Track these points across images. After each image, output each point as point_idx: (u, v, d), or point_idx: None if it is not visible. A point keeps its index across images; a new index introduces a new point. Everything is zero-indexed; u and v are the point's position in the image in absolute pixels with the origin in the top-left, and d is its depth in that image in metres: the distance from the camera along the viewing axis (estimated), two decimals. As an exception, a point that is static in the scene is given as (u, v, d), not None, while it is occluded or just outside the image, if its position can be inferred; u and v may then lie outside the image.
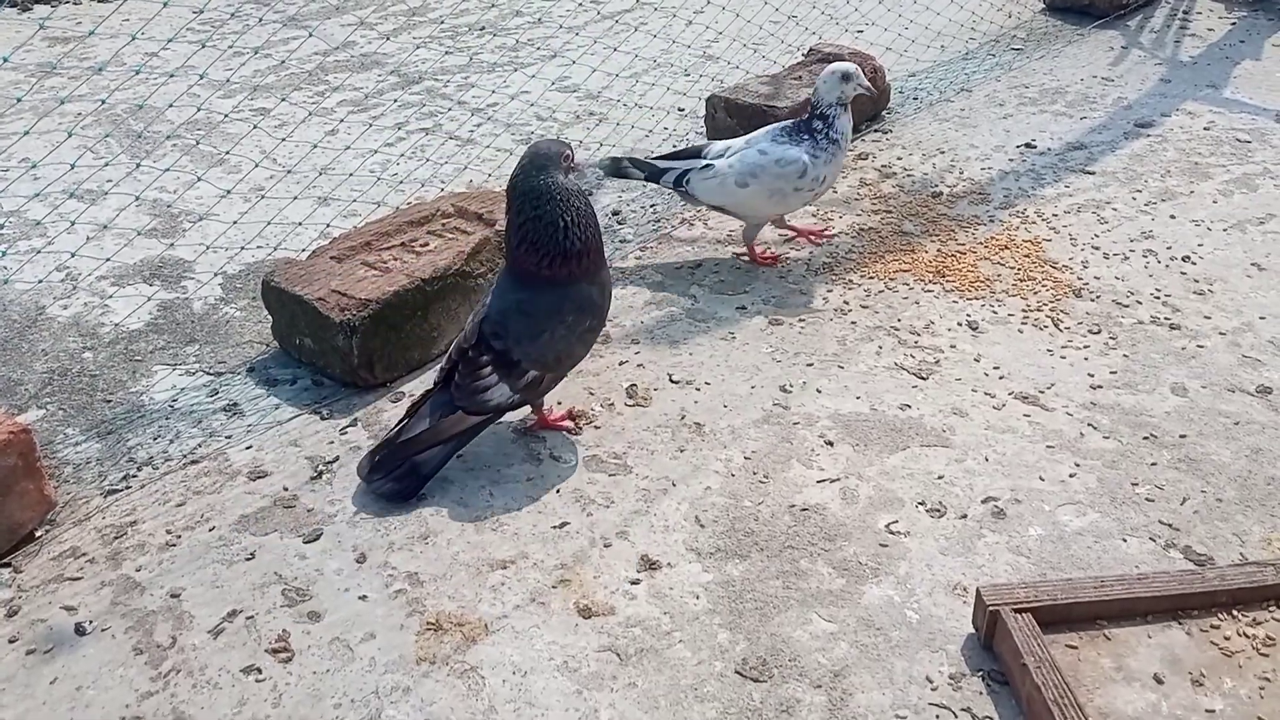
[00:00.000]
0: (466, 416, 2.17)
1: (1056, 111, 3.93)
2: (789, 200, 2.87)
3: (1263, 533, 2.04)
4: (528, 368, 2.18)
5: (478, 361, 2.17)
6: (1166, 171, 3.45)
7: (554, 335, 2.17)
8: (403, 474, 2.16)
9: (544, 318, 2.16)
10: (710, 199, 2.92)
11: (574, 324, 2.19)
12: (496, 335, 2.16)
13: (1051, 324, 2.71)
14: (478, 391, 2.16)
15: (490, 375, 2.16)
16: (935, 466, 2.25)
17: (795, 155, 2.79)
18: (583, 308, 2.20)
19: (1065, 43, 4.58)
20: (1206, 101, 3.96)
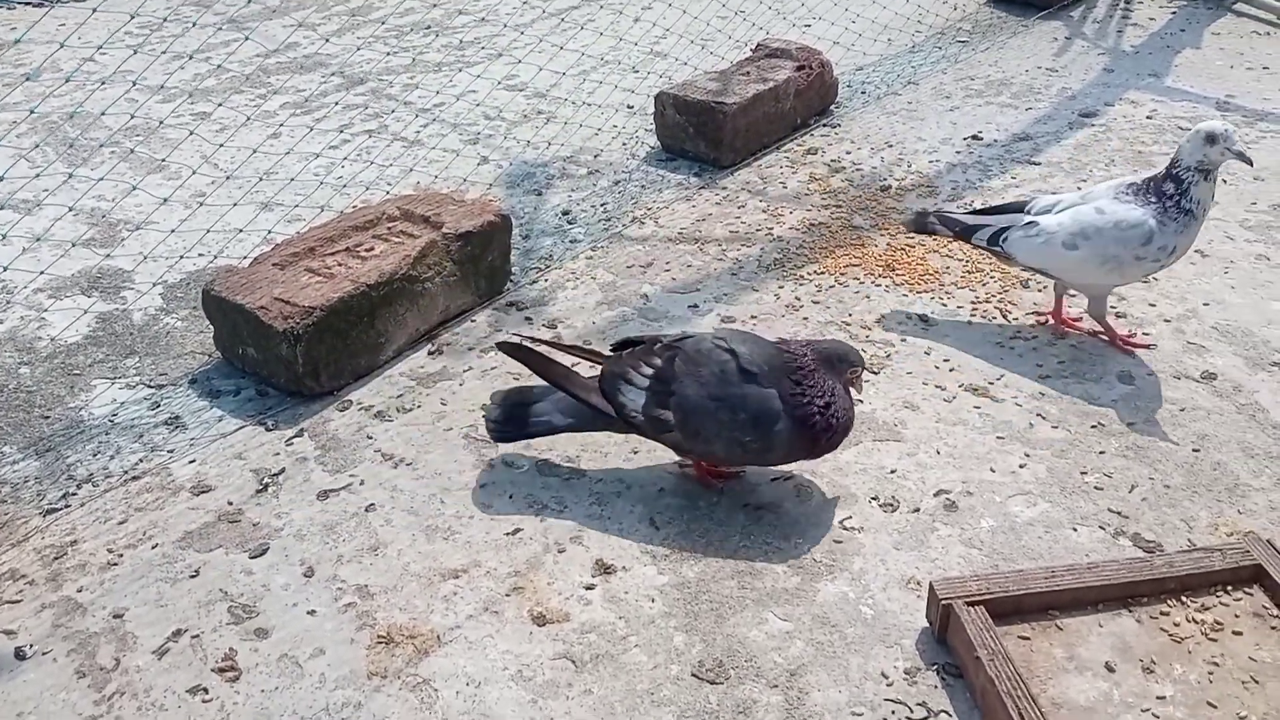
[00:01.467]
0: (596, 393, 2.10)
1: (1002, 103, 3.96)
2: (1126, 270, 2.43)
3: (1210, 518, 2.07)
4: (669, 409, 2.03)
5: (649, 359, 2.07)
6: (1111, 161, 3.49)
7: (711, 410, 2.00)
8: (516, 409, 2.16)
9: (724, 393, 2.00)
10: (1030, 260, 2.53)
11: (738, 422, 1.99)
12: (686, 359, 2.04)
13: (1000, 315, 2.73)
14: (621, 377, 2.07)
15: (644, 380, 2.05)
16: (888, 461, 2.25)
17: (1140, 218, 2.37)
18: (759, 420, 1.99)
19: (1010, 34, 4.62)
20: (1149, 90, 4.02)
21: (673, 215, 3.27)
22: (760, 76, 3.66)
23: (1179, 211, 2.36)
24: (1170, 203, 2.37)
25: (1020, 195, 3.29)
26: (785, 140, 3.71)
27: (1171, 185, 2.37)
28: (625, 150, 3.70)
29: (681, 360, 2.03)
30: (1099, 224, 2.41)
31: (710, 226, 3.20)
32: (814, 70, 3.76)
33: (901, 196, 3.32)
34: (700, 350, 2.04)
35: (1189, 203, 2.36)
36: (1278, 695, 1.66)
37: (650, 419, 2.03)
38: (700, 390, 2.00)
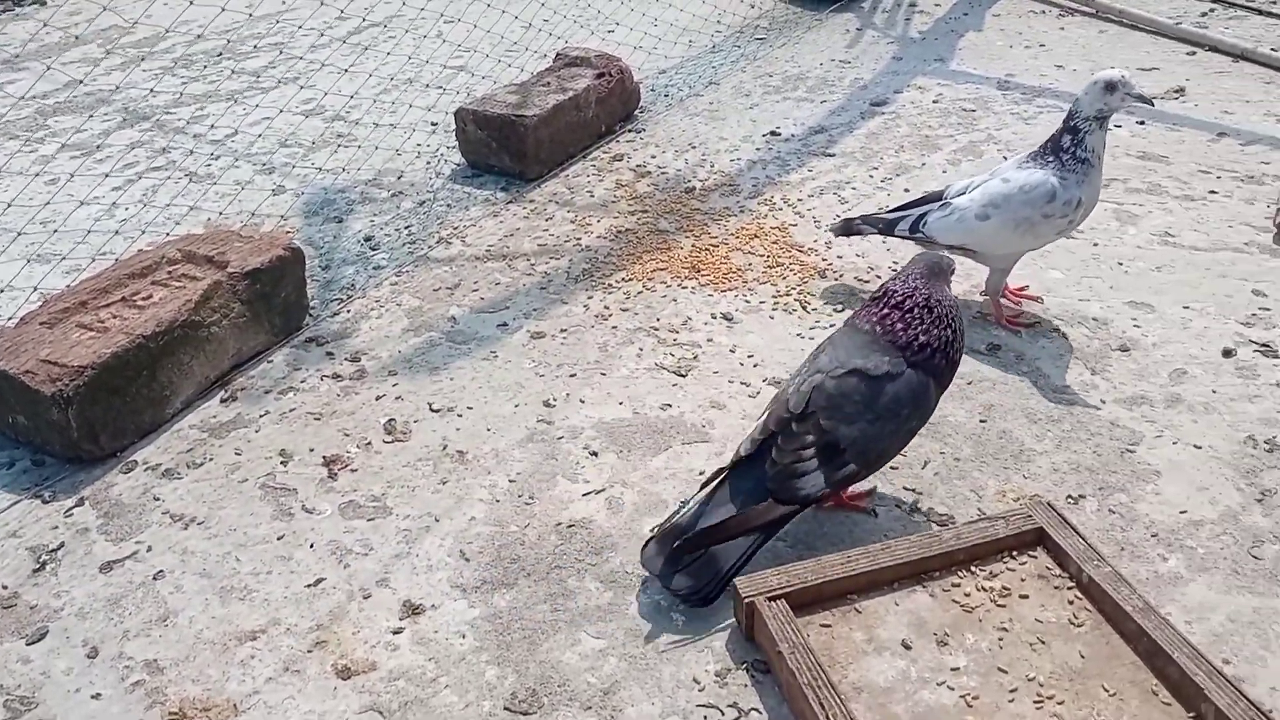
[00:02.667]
0: (776, 505, 1.90)
1: (799, 97, 4.07)
2: (1039, 230, 2.50)
3: (998, 486, 2.17)
4: (850, 459, 1.91)
5: (803, 439, 1.91)
6: (900, 147, 3.63)
7: (886, 427, 1.92)
8: (699, 568, 1.89)
9: (884, 405, 1.91)
10: (949, 239, 2.57)
11: (904, 419, 1.94)
12: (829, 414, 1.91)
13: (800, 307, 2.80)
14: (794, 475, 1.90)
15: (811, 461, 1.90)
16: (697, 463, 2.27)
17: (1041, 179, 2.45)
18: (917, 402, 1.95)
19: (805, 29, 4.76)
20: (935, 75, 4.20)
21: (480, 233, 3.22)
22: (560, 86, 3.65)
23: (1076, 163, 2.46)
24: (1067, 155, 2.46)
25: (817, 187, 3.39)
26: (591, 148, 3.72)
27: (1068, 138, 2.46)
28: (429, 169, 3.63)
29: (825, 417, 1.91)
30: (1005, 191, 2.50)
31: (518, 241, 3.17)
32: (614, 77, 3.77)
33: (705, 197, 3.37)
34: (832, 394, 1.92)
35: (1084, 152, 2.45)
36: (1062, 653, 1.74)
37: (836, 483, 1.93)
38: (862, 426, 1.91)
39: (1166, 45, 4.35)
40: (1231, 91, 3.89)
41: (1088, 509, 2.09)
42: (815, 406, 1.93)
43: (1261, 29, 4.47)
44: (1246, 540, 1.99)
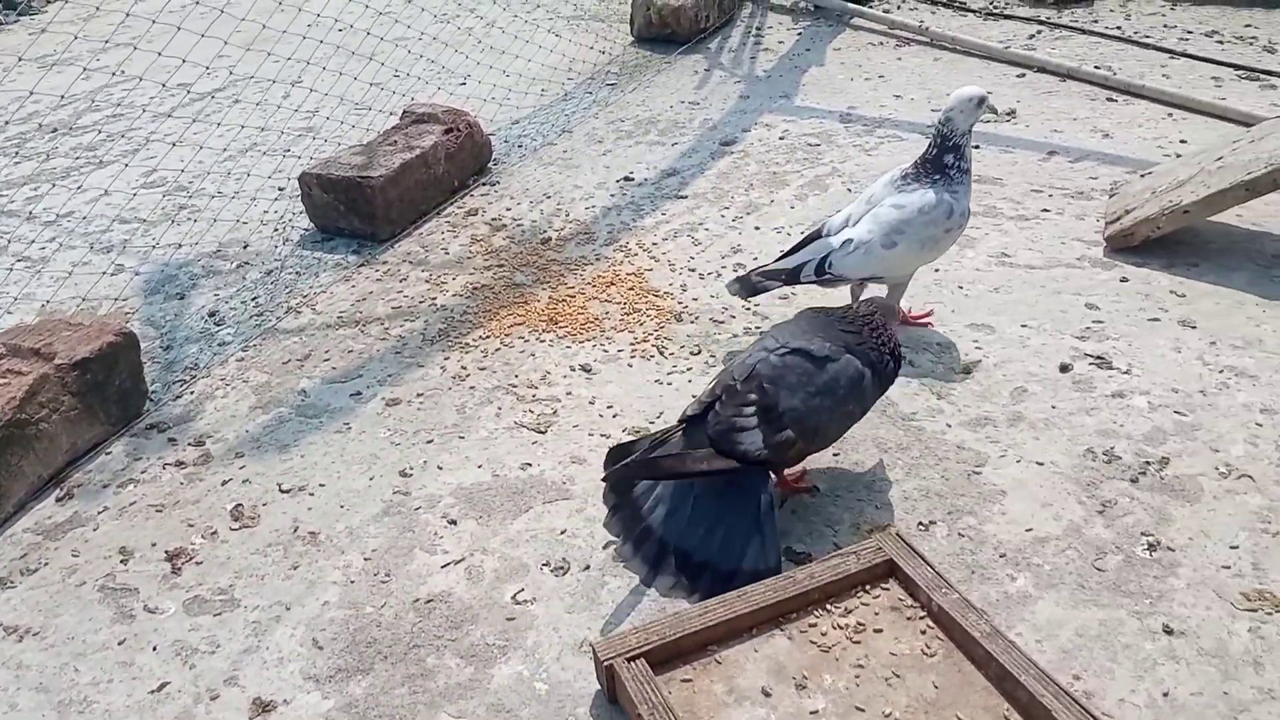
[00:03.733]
0: (716, 456, 2.02)
1: (651, 141, 4.12)
2: (940, 245, 2.64)
3: (851, 519, 2.20)
4: (787, 425, 2.05)
5: (744, 398, 2.07)
6: (750, 185, 3.70)
7: (822, 403, 2.07)
8: (622, 505, 2.08)
9: (823, 383, 2.08)
10: (859, 272, 2.63)
11: (842, 398, 2.10)
12: (772, 380, 2.08)
13: (658, 353, 2.81)
14: (734, 429, 2.04)
15: (751, 420, 2.05)
16: (558, 522, 2.25)
17: (936, 198, 2.56)
18: (855, 385, 2.11)
19: (655, 72, 4.83)
20: (781, 112, 4.31)
21: (331, 299, 3.15)
22: (408, 145, 3.61)
23: (961, 174, 2.59)
24: (954, 170, 2.58)
25: (671, 230, 3.42)
26: (445, 204, 3.68)
27: (951, 156, 2.57)
28: (277, 236, 3.54)
29: (768, 384, 2.07)
30: (904, 217, 2.58)
31: (371, 305, 3.11)
32: (462, 131, 3.75)
33: (562, 247, 3.36)
34: (775, 366, 2.10)
35: (965, 163, 2.60)
36: (917, 685, 1.76)
37: (773, 446, 2.05)
38: (801, 397, 2.07)
39: (998, 69, 4.57)
40: (1060, 110, 4.10)
41: (938, 534, 2.14)
42: (759, 374, 2.09)
43: (1085, 47, 4.74)
44: (1090, 553, 2.06)
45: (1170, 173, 3.17)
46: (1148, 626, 1.89)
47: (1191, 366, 2.56)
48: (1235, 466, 2.24)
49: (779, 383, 2.08)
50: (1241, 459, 2.26)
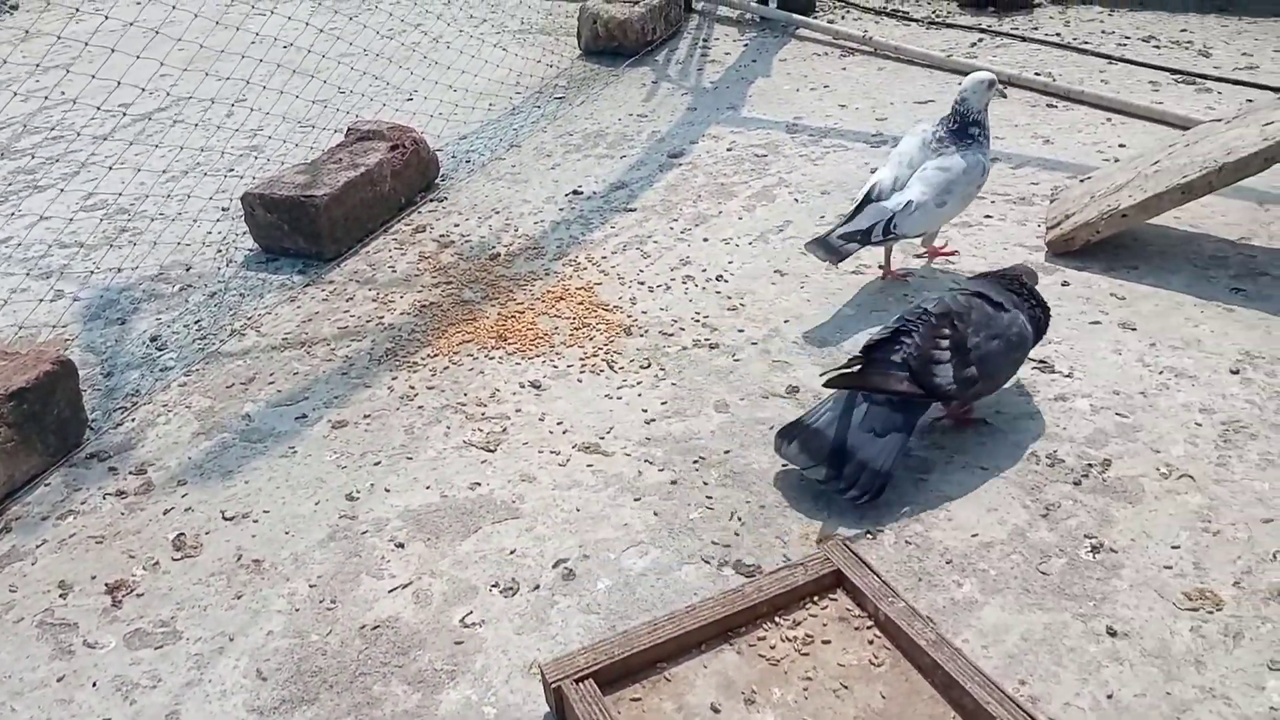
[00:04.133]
0: (907, 382, 2.23)
1: (599, 154, 4.12)
2: (972, 198, 3.02)
3: (801, 529, 2.20)
4: (972, 364, 2.26)
5: (940, 331, 2.27)
6: (698, 197, 3.71)
7: (999, 345, 2.30)
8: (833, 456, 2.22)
9: (1000, 326, 2.31)
10: (918, 229, 2.95)
11: (1009, 345, 2.32)
12: (962, 318, 2.29)
13: (607, 367, 2.80)
14: (930, 361, 2.24)
15: (946, 354, 2.24)
16: (507, 542, 2.23)
17: (975, 161, 2.91)
18: (1022, 337, 2.35)
19: (603, 85, 4.84)
20: (728, 123, 4.33)
21: (276, 320, 3.11)
22: (352, 163, 3.58)
23: (986, 139, 2.97)
24: (982, 138, 2.96)
25: (620, 243, 3.42)
26: (392, 221, 3.65)
27: (976, 128, 2.94)
28: (220, 258, 3.49)
29: (959, 322, 2.29)
30: (951, 179, 2.90)
31: (317, 326, 3.07)
32: (408, 148, 3.73)
33: (510, 262, 3.35)
34: (963, 306, 2.32)
35: (987, 131, 2.98)
36: (864, 696, 1.77)
37: (961, 382, 2.26)
38: (986, 336, 2.29)
39: (941, 77, 4.62)
40: (1001, 117, 4.15)
41: (886, 542, 2.15)
42: (951, 310, 2.30)
43: (1026, 54, 4.81)
44: (1035, 557, 2.08)
45: (1108, 177, 3.22)
46: (1092, 629, 1.91)
47: (1132, 368, 2.60)
48: (1176, 466, 2.27)
49: (967, 320, 2.29)
50: (1181, 459, 2.29)
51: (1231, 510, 2.14)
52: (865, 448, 2.21)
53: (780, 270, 3.19)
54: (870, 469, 2.20)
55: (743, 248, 3.35)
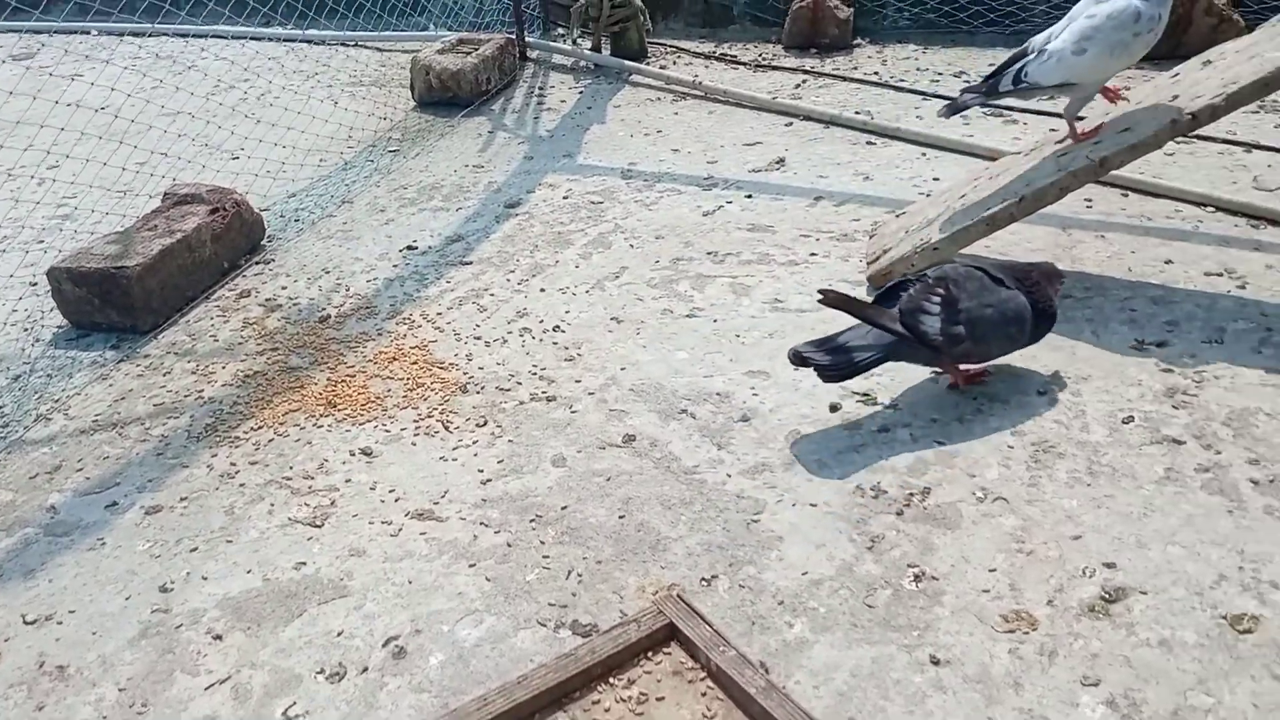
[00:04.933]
0: (898, 323, 2.53)
1: (435, 208, 4.07)
2: (1132, 50, 2.80)
3: (638, 582, 2.19)
4: (962, 322, 2.52)
5: (931, 288, 2.56)
6: (535, 246, 3.70)
7: (992, 316, 2.54)
8: (836, 352, 2.56)
9: (996, 301, 2.55)
10: (1051, 79, 2.86)
11: (1005, 319, 2.57)
12: (957, 284, 2.56)
13: (442, 428, 2.74)
14: (920, 310, 2.53)
15: (935, 306, 2.52)
16: (334, 623, 2.14)
17: (1124, 5, 2.75)
18: (1019, 313, 2.57)
19: (438, 136, 4.79)
20: (564, 171, 4.35)
21: (86, 401, 2.93)
22: (168, 229, 3.43)
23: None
24: None
25: (456, 298, 3.37)
26: (215, 288, 3.51)
27: None
28: (27, 336, 3.28)
29: (954, 286, 2.55)
30: (1094, 24, 2.79)
31: (131, 405, 2.91)
32: (229, 210, 3.60)
33: (341, 324, 3.26)
34: (962, 274, 2.59)
35: None
36: (698, 748, 1.76)
37: (948, 336, 2.52)
38: (979, 303, 2.54)
39: (768, 119, 4.76)
40: (825, 156, 4.30)
41: (720, 588, 2.16)
42: (948, 276, 2.57)
43: (847, 94, 5.00)
44: (861, 591, 2.12)
45: (920, 211, 3.37)
46: (916, 659, 1.95)
47: (948, 396, 2.70)
48: (990, 490, 2.37)
49: (962, 286, 2.55)
50: (996, 481, 2.39)
51: (1043, 530, 2.24)
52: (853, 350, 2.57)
53: (617, 318, 3.20)
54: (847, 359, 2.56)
55: (579, 296, 3.35)
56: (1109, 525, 2.23)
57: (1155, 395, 2.63)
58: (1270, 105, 4.42)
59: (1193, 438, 2.47)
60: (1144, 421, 2.54)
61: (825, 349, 2.58)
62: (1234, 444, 2.44)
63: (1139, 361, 2.77)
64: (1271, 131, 4.19)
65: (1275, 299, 3.00)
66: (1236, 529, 2.19)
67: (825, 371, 2.57)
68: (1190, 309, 2.98)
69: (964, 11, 5.56)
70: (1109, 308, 3.01)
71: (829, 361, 2.55)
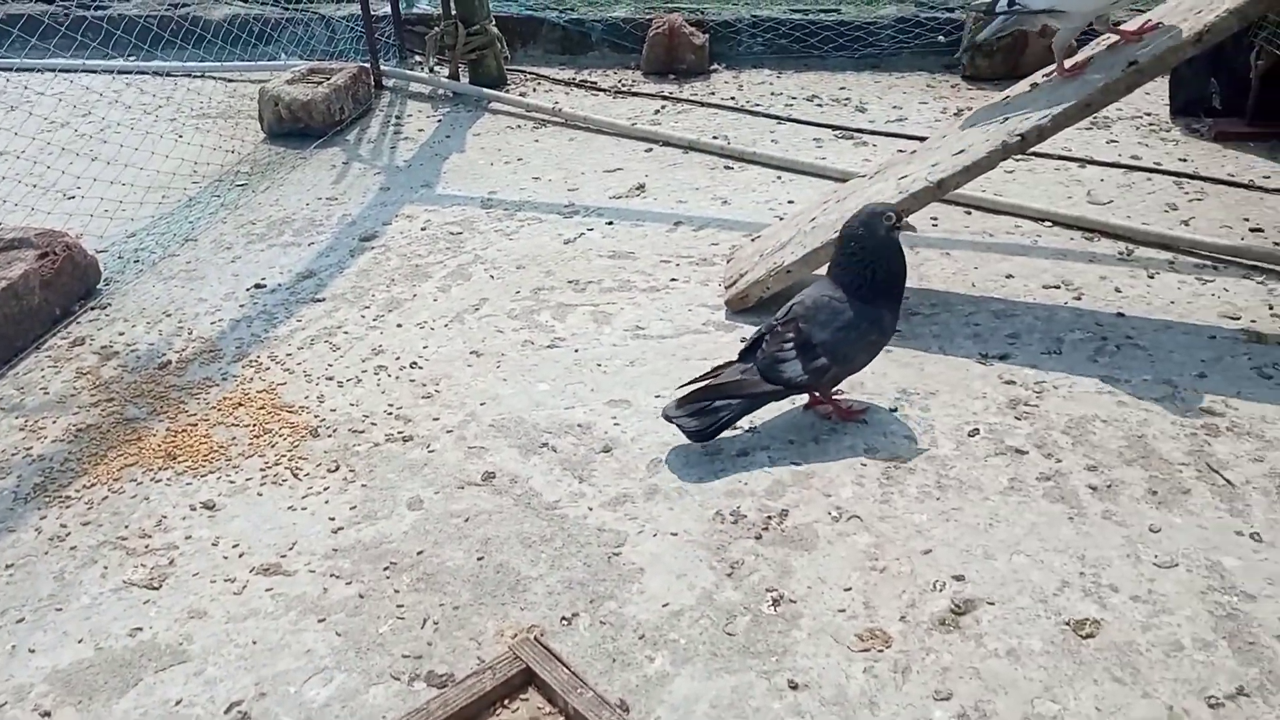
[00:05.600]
0: (762, 381, 2.56)
1: (285, 243, 3.93)
2: None
3: (496, 626, 2.14)
4: (821, 354, 2.56)
5: (783, 335, 2.57)
6: (391, 280, 3.61)
7: (849, 335, 2.58)
8: (702, 413, 2.56)
9: (848, 320, 2.58)
10: (1039, 3, 2.94)
11: (864, 332, 2.61)
12: (805, 319, 2.58)
13: (291, 475, 2.63)
14: (777, 361, 2.56)
15: (790, 350, 2.55)
16: (173, 691, 2.01)
17: None
18: (875, 324, 2.62)
19: (289, 169, 4.64)
20: (422, 202, 4.26)
21: None
22: (-10, 276, 3.21)
23: None
24: None
25: (307, 337, 3.26)
26: (46, 337, 3.30)
27: None
28: None
29: (803, 322, 2.58)
30: None
31: (-51, 467, 2.70)
32: (59, 255, 3.40)
33: (183, 370, 3.10)
34: (810, 305, 2.62)
35: None
36: (557, 796, 1.71)
37: (812, 372, 2.56)
38: (833, 330, 2.57)
39: (628, 145, 4.78)
40: (684, 181, 4.34)
41: (581, 626, 2.12)
42: (795, 316, 2.60)
43: (705, 119, 5.07)
44: (721, 619, 2.12)
45: (774, 235, 3.43)
46: (775, 685, 1.95)
47: (804, 416, 2.73)
48: (845, 508, 2.40)
49: (812, 319, 2.58)
50: (850, 500, 2.43)
51: (895, 546, 2.28)
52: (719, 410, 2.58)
53: (476, 351, 3.14)
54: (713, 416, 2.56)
55: (438, 330, 3.27)
56: (957, 538, 2.29)
57: (999, 407, 2.72)
58: (1102, 121, 4.67)
59: (1034, 447, 2.56)
60: (989, 433, 2.62)
61: (693, 411, 2.57)
62: (1073, 451, 2.54)
63: (983, 374, 2.87)
64: (1104, 147, 4.44)
65: (1108, 309, 3.16)
66: (1077, 535, 2.28)
67: (695, 436, 2.56)
68: (1030, 321, 3.11)
69: (815, 37, 5.72)
70: (954, 323, 3.12)
71: (696, 427, 2.55)
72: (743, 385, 2.58)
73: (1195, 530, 2.27)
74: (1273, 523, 2.28)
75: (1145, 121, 4.70)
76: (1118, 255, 3.50)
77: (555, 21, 6.04)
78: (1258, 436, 2.56)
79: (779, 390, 2.60)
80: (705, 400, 2.57)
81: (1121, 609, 2.08)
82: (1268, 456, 2.49)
